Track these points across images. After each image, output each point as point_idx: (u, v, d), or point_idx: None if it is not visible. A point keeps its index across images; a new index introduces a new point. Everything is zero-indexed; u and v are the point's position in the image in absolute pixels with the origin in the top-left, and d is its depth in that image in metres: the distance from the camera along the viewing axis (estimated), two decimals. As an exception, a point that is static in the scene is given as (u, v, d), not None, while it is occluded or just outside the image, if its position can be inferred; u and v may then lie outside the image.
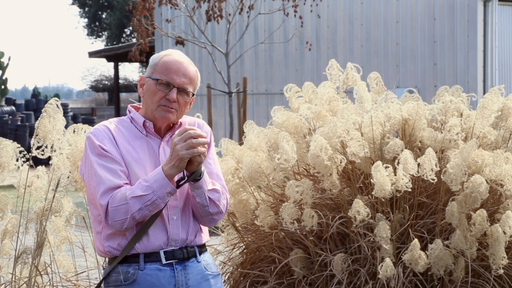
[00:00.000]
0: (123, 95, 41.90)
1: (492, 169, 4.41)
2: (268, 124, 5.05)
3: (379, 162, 4.37)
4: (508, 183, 4.44)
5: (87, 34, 46.29)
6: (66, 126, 4.69)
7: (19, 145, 4.64)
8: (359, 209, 4.36)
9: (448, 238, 4.48)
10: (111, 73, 39.56)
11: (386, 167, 4.35)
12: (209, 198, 3.21)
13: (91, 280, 5.10)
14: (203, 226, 3.33)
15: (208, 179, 3.23)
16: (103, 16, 45.26)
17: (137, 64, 43.19)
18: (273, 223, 4.77)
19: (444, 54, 15.29)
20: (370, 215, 4.40)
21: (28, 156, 4.64)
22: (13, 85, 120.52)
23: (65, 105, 23.19)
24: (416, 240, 4.31)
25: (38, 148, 4.59)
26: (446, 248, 4.39)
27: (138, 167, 3.17)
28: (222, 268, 5.17)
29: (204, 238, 3.32)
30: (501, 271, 4.38)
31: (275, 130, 4.88)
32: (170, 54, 3.26)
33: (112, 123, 3.26)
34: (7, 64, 27.20)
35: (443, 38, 15.29)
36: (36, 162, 4.78)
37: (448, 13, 15.22)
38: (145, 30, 14.61)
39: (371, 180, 4.39)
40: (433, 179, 4.38)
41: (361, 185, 4.76)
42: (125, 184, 3.13)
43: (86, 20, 45.87)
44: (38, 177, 4.75)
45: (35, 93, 29.24)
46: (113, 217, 3.09)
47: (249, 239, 5.12)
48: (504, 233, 4.33)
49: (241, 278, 5.00)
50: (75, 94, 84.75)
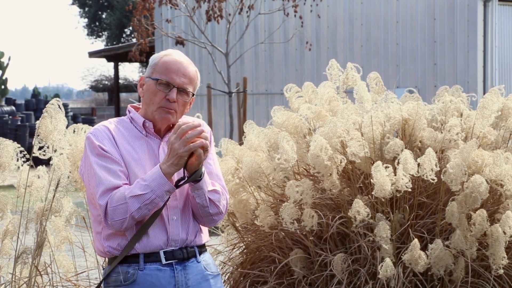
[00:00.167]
0: (123, 95, 41.90)
1: (492, 169, 4.41)
2: (268, 124, 5.05)
3: (379, 162, 4.37)
4: (508, 183, 4.44)
5: (87, 34, 46.30)
6: (66, 126, 4.69)
7: (19, 145, 4.64)
8: (359, 209, 4.36)
9: (448, 238, 4.47)
10: (111, 73, 39.56)
11: (386, 167, 4.35)
12: (209, 199, 3.21)
13: (91, 280, 5.10)
14: (203, 226, 3.33)
15: (208, 180, 3.23)
16: (103, 16, 45.26)
17: (137, 64, 43.21)
18: (273, 223, 4.77)
19: (444, 54, 15.29)
20: (370, 215, 4.40)
21: (28, 156, 4.64)
22: (13, 85, 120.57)
23: (65, 105, 23.16)
24: (416, 240, 4.31)
25: (40, 149, 4.59)
26: (446, 248, 4.38)
27: (138, 167, 3.17)
28: (222, 268, 5.16)
29: (204, 238, 3.32)
30: (501, 271, 4.37)
31: (275, 130, 4.88)
32: (170, 54, 3.25)
33: (112, 123, 3.25)
34: (7, 64, 27.20)
35: (443, 38, 15.29)
36: (36, 162, 4.78)
37: (448, 13, 15.22)
38: (145, 30, 14.61)
39: (371, 180, 4.39)
40: (433, 179, 4.38)
41: (361, 185, 4.76)
42: (125, 185, 3.13)
43: (86, 20, 45.88)
44: (39, 177, 4.75)
45: (35, 93, 29.25)
46: (113, 217, 3.09)
47: (249, 239, 5.11)
48: (504, 233, 4.32)
49: (241, 278, 4.99)
50: (75, 94, 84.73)
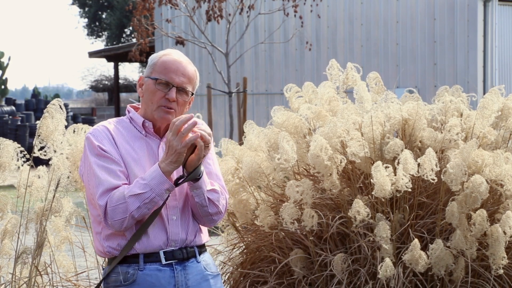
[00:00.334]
0: (123, 95, 41.90)
1: (492, 169, 4.41)
2: (268, 124, 5.05)
3: (379, 162, 4.37)
4: (508, 183, 4.44)
5: (87, 34, 46.30)
6: (66, 126, 4.69)
7: (19, 145, 4.64)
8: (359, 209, 4.36)
9: (448, 238, 4.47)
10: (111, 73, 39.56)
11: (386, 167, 4.35)
12: (208, 199, 3.21)
13: (91, 280, 5.10)
14: (203, 226, 3.33)
15: (207, 180, 3.23)
16: (103, 16, 45.26)
17: (137, 64, 43.20)
18: (273, 223, 4.77)
19: (444, 54, 15.29)
20: (370, 215, 4.40)
21: (28, 156, 4.64)
22: (13, 85, 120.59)
23: (65, 105, 23.04)
24: (416, 240, 4.31)
25: (41, 149, 4.58)
26: (447, 248, 4.38)
27: (137, 167, 3.17)
28: (222, 268, 5.16)
29: (204, 238, 3.32)
30: (501, 271, 4.37)
31: (275, 130, 4.87)
32: (169, 54, 3.25)
33: (111, 123, 3.25)
34: (7, 64, 27.20)
35: (443, 38, 15.29)
36: (36, 162, 4.78)
37: (448, 13, 15.21)
38: (145, 30, 14.60)
39: (371, 180, 4.39)
40: (433, 179, 4.38)
41: (361, 185, 4.76)
42: (124, 185, 3.13)
43: (86, 20, 45.88)
44: (39, 177, 4.74)
45: (35, 93, 29.26)
46: (112, 217, 3.09)
47: (249, 239, 5.11)
48: (504, 233, 4.32)
49: (241, 278, 4.99)
50: (75, 94, 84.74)
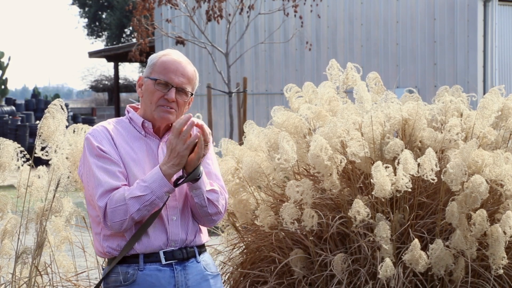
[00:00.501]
0: (123, 95, 41.90)
1: (492, 169, 4.41)
2: (268, 124, 5.05)
3: (379, 162, 4.37)
4: (508, 183, 4.44)
5: (87, 34, 46.31)
6: (66, 126, 4.69)
7: (19, 145, 4.64)
8: (359, 209, 4.36)
9: (448, 238, 4.47)
10: (111, 73, 39.57)
11: (386, 167, 4.35)
12: (208, 199, 3.21)
13: (91, 280, 5.10)
14: (203, 226, 3.33)
15: (207, 180, 3.23)
16: (103, 16, 45.26)
17: (137, 64, 43.20)
18: (273, 223, 4.77)
19: (444, 54, 15.29)
20: (370, 215, 4.40)
21: (28, 156, 4.63)
22: (13, 85, 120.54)
23: (65, 105, 23.16)
24: (416, 240, 4.31)
25: (43, 149, 4.58)
26: (446, 248, 4.38)
27: (137, 168, 3.17)
28: (222, 268, 5.16)
29: (204, 238, 3.32)
30: (501, 271, 4.37)
31: (275, 130, 4.87)
32: (169, 54, 3.25)
33: (111, 124, 3.25)
34: (7, 64, 27.20)
35: (443, 38, 15.29)
36: (36, 162, 4.78)
37: (448, 13, 15.21)
38: (145, 30, 14.60)
39: (371, 180, 4.39)
40: (433, 179, 4.38)
41: (361, 185, 4.76)
42: (123, 186, 3.13)
43: (86, 20, 45.88)
44: (39, 177, 4.74)
45: (35, 93, 29.27)
46: (112, 218, 3.09)
47: (249, 239, 5.11)
48: (504, 233, 4.32)
49: (241, 278, 4.99)
50: (75, 94, 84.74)
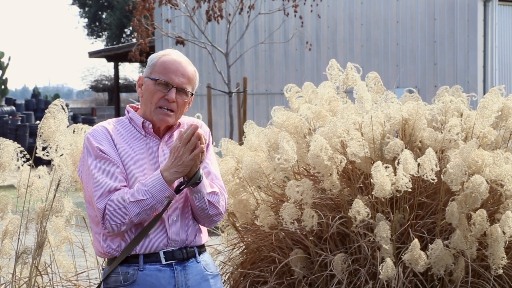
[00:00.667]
0: (123, 95, 41.89)
1: (492, 169, 4.41)
2: (268, 124, 5.05)
3: (379, 162, 4.37)
4: (508, 183, 4.44)
5: (87, 34, 46.30)
6: (66, 126, 4.68)
7: (19, 145, 4.64)
8: (359, 209, 4.36)
9: (448, 238, 4.47)
10: (111, 73, 39.57)
11: (386, 167, 4.35)
12: (209, 201, 3.20)
13: (91, 280, 5.10)
14: (203, 227, 3.33)
15: (207, 182, 3.22)
16: (103, 16, 45.26)
17: (137, 64, 43.20)
18: (273, 223, 4.77)
19: (444, 54, 15.29)
20: (370, 215, 4.40)
21: (28, 156, 4.63)
22: (13, 85, 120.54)
23: (66, 105, 23.17)
24: (416, 240, 4.31)
25: (44, 149, 4.57)
26: (446, 248, 4.38)
27: (137, 168, 3.16)
28: (222, 268, 5.16)
29: (204, 239, 3.32)
30: (501, 271, 4.37)
31: (275, 130, 4.87)
32: (169, 54, 3.24)
33: (111, 124, 3.25)
34: (7, 64, 27.20)
35: (443, 38, 15.28)
36: (37, 162, 4.78)
37: (448, 13, 15.21)
38: (145, 30, 14.60)
39: (371, 180, 4.39)
40: (433, 179, 4.38)
41: (361, 185, 4.76)
42: (123, 187, 3.12)
43: (86, 20, 45.87)
44: (40, 177, 4.74)
45: (35, 93, 29.26)
46: (111, 221, 3.08)
47: (249, 239, 5.11)
48: (504, 233, 4.32)
49: (241, 278, 4.99)
50: (75, 94, 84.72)
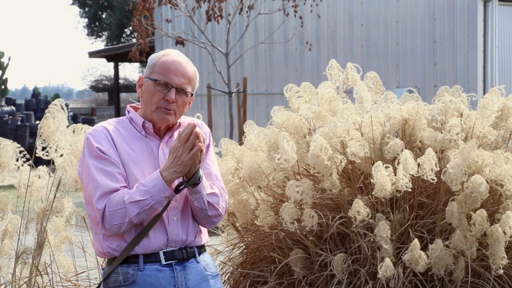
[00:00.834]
0: (123, 95, 41.89)
1: (492, 169, 4.41)
2: (268, 124, 5.05)
3: (379, 162, 4.37)
4: (508, 183, 4.44)
5: (87, 34, 46.30)
6: (66, 126, 4.68)
7: (19, 145, 4.64)
8: (359, 209, 4.36)
9: (448, 238, 4.47)
10: (111, 73, 39.56)
11: (386, 167, 4.35)
12: (208, 202, 3.20)
13: (91, 280, 5.10)
14: (202, 227, 3.33)
15: (207, 183, 3.22)
16: (103, 16, 45.26)
17: (137, 64, 43.19)
18: (273, 223, 4.77)
19: (444, 54, 15.29)
20: (370, 215, 4.40)
21: (28, 156, 4.63)
22: (13, 85, 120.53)
23: (65, 105, 23.18)
24: (416, 240, 4.31)
25: (43, 149, 4.57)
26: (446, 248, 4.38)
27: (137, 169, 3.16)
28: (222, 268, 5.16)
29: (204, 239, 3.32)
30: (501, 271, 4.37)
31: (275, 130, 4.87)
32: (169, 54, 3.24)
33: (111, 124, 3.24)
34: (7, 64, 27.20)
35: (443, 38, 15.28)
36: (37, 162, 4.78)
37: (448, 13, 15.21)
38: (145, 30, 14.60)
39: (371, 180, 4.39)
40: (433, 179, 4.38)
41: (361, 185, 4.76)
42: (122, 187, 3.11)
43: (86, 20, 45.87)
44: (40, 177, 4.74)
45: (35, 93, 29.26)
46: (111, 221, 3.08)
47: (249, 239, 5.11)
48: (504, 233, 4.32)
49: (241, 278, 4.99)
50: (75, 94, 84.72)
